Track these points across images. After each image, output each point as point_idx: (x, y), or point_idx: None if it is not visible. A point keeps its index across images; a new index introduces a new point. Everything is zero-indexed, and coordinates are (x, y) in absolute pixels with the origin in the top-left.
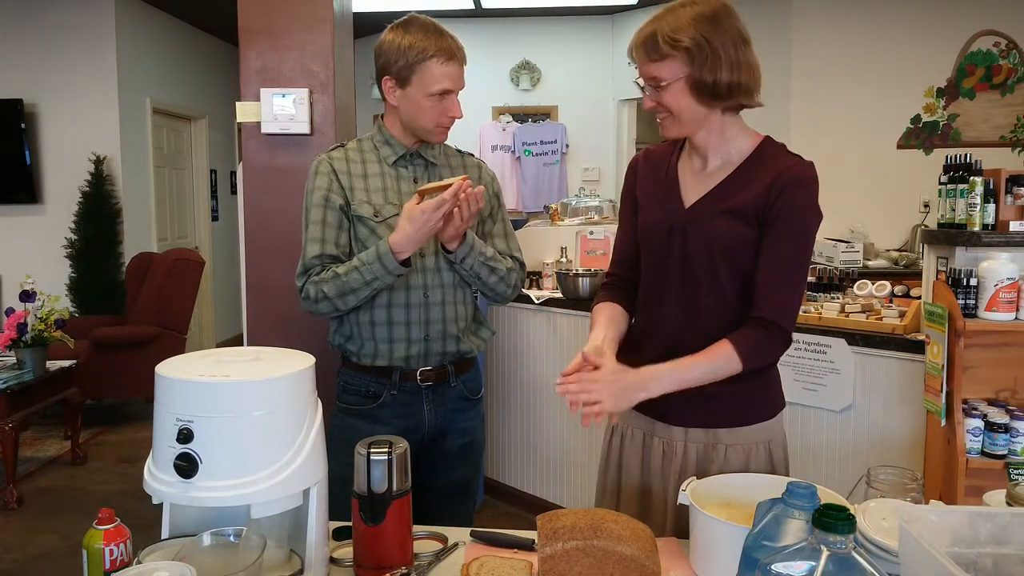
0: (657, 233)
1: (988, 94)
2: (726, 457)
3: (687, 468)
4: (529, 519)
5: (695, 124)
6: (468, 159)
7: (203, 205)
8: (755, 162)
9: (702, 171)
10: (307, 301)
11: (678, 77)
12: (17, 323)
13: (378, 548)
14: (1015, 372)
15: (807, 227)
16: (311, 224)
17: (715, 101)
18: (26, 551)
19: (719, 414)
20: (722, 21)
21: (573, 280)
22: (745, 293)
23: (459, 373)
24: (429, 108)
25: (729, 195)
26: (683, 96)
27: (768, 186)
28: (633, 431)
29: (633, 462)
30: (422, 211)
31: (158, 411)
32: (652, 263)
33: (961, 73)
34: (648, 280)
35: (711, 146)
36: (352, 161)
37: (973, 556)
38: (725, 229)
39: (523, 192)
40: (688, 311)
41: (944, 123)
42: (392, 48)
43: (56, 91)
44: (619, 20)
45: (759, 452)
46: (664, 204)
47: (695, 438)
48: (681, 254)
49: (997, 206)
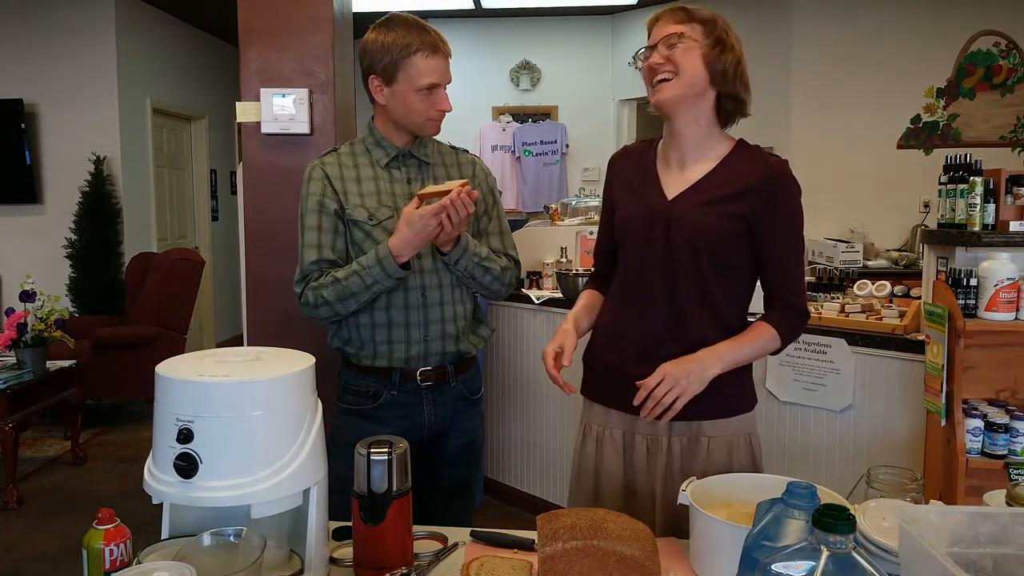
0: (638, 226)
1: (988, 94)
2: (709, 449)
3: (672, 463)
4: (529, 519)
5: (692, 93)
6: (462, 156)
7: (203, 205)
8: (735, 159)
9: (680, 167)
10: (306, 307)
11: (697, 41)
12: (17, 323)
13: (378, 548)
14: (1015, 372)
15: (799, 216)
16: (307, 230)
17: (717, 79)
18: (26, 551)
19: (703, 406)
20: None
21: (573, 280)
22: (728, 290)
23: (459, 373)
24: (418, 103)
25: (714, 187)
26: (696, 59)
27: (757, 182)
28: (611, 432)
29: (614, 464)
30: (420, 216)
31: (158, 411)
32: (633, 256)
33: (961, 73)
34: (628, 274)
35: (692, 141)
36: (345, 165)
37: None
38: (709, 221)
39: (523, 192)
40: (670, 303)
41: (944, 123)
42: (376, 47)
43: (56, 91)
44: (619, 20)
45: (740, 444)
46: (644, 197)
47: (679, 431)
48: (664, 246)
49: (997, 206)
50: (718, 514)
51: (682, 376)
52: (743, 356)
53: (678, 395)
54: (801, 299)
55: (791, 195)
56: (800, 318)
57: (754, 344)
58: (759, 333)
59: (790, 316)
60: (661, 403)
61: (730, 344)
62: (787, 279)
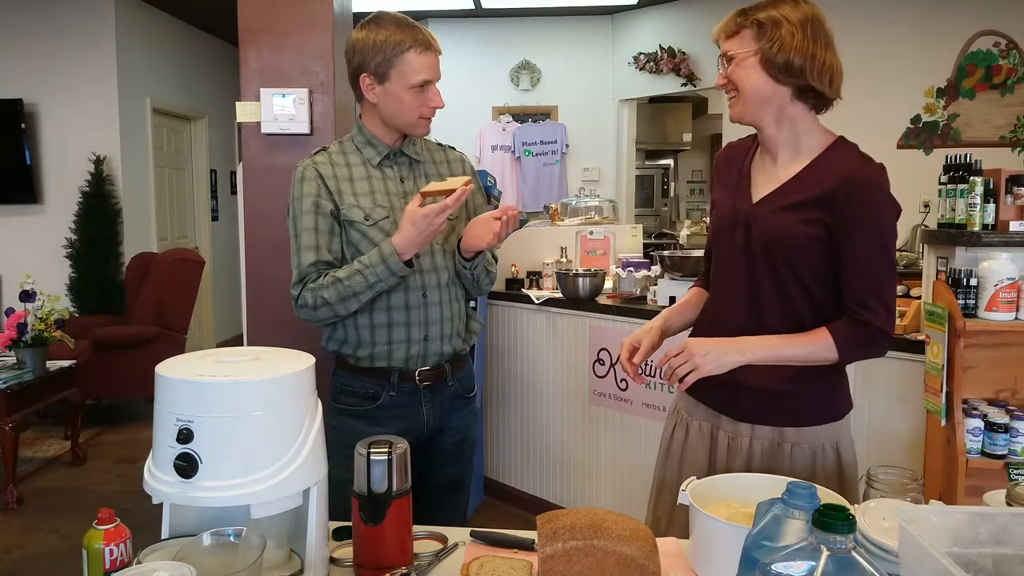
0: (725, 227)
1: (988, 94)
2: (792, 456)
3: (752, 465)
4: (529, 519)
5: (758, 103)
6: (450, 153)
7: (203, 205)
8: (824, 161)
9: (773, 167)
10: (304, 309)
11: (748, 51)
12: (17, 323)
13: (378, 548)
14: (1015, 372)
15: (882, 227)
16: (303, 232)
17: (784, 78)
18: (26, 551)
19: (787, 412)
20: (807, 15)
21: (573, 280)
22: (809, 293)
23: (455, 371)
24: (411, 101)
25: (794, 192)
26: (752, 71)
27: (834, 189)
28: (700, 424)
29: (699, 455)
30: (424, 215)
31: (158, 411)
32: (720, 256)
33: (961, 73)
34: (717, 273)
35: (781, 141)
36: (337, 164)
37: (973, 556)
38: (786, 225)
39: (523, 192)
40: (751, 306)
41: (944, 123)
42: (367, 45)
43: (56, 91)
44: (619, 20)
45: (826, 452)
46: (734, 198)
47: (761, 435)
48: (745, 248)
49: (997, 206)
50: (718, 514)
51: (699, 353)
52: (782, 355)
53: (691, 369)
54: (871, 315)
55: (872, 206)
56: (869, 335)
57: (798, 346)
58: (812, 337)
59: (857, 330)
60: (676, 373)
61: (768, 339)
62: (858, 292)
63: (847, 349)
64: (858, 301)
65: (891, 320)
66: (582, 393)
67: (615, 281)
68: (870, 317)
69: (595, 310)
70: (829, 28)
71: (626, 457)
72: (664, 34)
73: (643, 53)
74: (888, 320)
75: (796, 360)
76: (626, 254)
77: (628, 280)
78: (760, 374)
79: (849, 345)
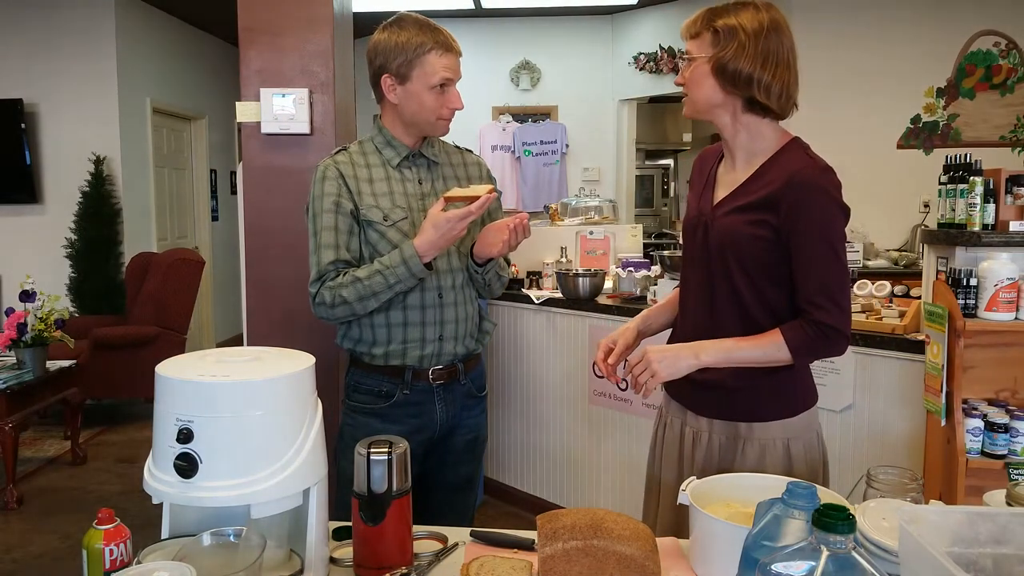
0: (688, 229)
1: (988, 94)
2: (743, 451)
3: (711, 460)
4: (529, 519)
5: (707, 106)
6: (468, 156)
7: (203, 205)
8: (773, 163)
9: (733, 170)
10: (322, 307)
11: (703, 56)
12: (17, 323)
13: (378, 548)
14: (1015, 372)
15: (827, 226)
16: (323, 230)
17: (733, 89)
18: (26, 551)
19: (739, 408)
20: (765, 25)
21: (573, 280)
22: (761, 294)
23: (468, 371)
24: (431, 101)
25: (744, 194)
26: (703, 76)
27: (778, 190)
28: (672, 420)
29: (672, 451)
30: (447, 219)
31: (158, 411)
32: (685, 258)
33: (961, 73)
34: (683, 274)
35: (739, 144)
36: (357, 165)
37: (973, 556)
38: (735, 227)
39: (523, 192)
40: (706, 306)
41: (944, 123)
42: (389, 46)
43: (56, 91)
44: (619, 20)
45: (776, 449)
46: (699, 201)
47: (718, 430)
48: (703, 250)
49: (997, 206)
50: (718, 514)
51: (656, 360)
52: (734, 357)
53: (650, 376)
54: (823, 313)
55: (815, 205)
56: (822, 334)
57: (751, 348)
58: (764, 339)
59: (809, 329)
60: (638, 381)
61: (722, 342)
62: (808, 291)
63: (799, 349)
64: (809, 300)
65: (844, 317)
66: (582, 393)
67: (615, 281)
68: (822, 316)
69: (595, 310)
70: (789, 38)
71: (626, 457)
72: (664, 34)
73: (643, 53)
74: (840, 317)
75: (750, 361)
76: (626, 254)
77: (628, 280)
78: (714, 370)
79: (801, 345)
